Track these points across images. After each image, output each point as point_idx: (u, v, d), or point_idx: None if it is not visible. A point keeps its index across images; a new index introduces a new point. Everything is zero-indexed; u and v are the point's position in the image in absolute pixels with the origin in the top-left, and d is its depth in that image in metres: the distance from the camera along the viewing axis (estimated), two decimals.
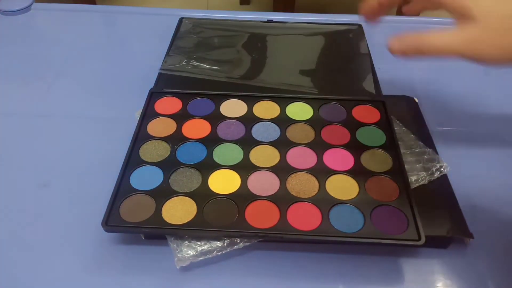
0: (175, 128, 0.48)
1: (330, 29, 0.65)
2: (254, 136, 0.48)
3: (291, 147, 0.46)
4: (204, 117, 0.50)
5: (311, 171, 0.44)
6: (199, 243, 0.39)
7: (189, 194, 0.42)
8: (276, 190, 0.42)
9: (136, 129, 0.48)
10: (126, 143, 0.46)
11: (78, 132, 0.52)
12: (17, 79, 0.61)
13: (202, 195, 0.42)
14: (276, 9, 1.61)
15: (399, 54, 0.37)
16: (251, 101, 0.52)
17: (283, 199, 0.41)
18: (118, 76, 0.61)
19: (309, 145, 0.47)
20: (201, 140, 0.47)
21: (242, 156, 0.45)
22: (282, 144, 0.47)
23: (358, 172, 0.44)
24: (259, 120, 0.50)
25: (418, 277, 0.39)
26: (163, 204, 0.41)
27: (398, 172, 0.44)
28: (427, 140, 0.49)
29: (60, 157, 0.49)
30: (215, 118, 0.50)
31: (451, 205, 0.42)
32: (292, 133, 0.48)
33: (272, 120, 0.49)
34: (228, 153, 0.46)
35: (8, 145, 0.51)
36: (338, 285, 0.39)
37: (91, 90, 0.59)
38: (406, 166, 0.44)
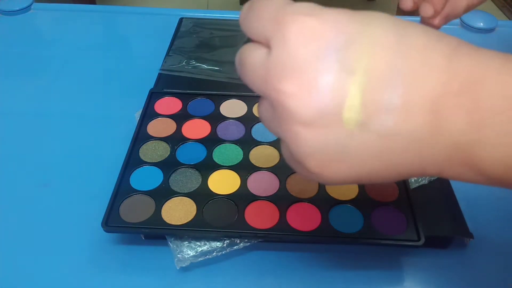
0: (175, 129, 0.48)
1: None
2: (254, 136, 0.48)
3: None
4: (204, 117, 0.50)
5: None
6: (199, 243, 0.39)
7: (189, 195, 0.42)
8: (275, 190, 0.42)
9: (136, 129, 0.48)
10: (126, 143, 0.46)
11: (78, 132, 0.52)
12: (17, 79, 0.61)
13: (202, 196, 0.42)
14: None
15: None
16: (251, 101, 0.52)
17: (282, 200, 0.41)
18: (118, 76, 0.61)
19: None
20: (201, 141, 0.47)
21: (242, 156, 0.45)
22: None
23: None
24: (259, 120, 0.49)
25: (418, 277, 0.39)
26: (163, 204, 0.41)
27: None
28: None
29: (60, 157, 0.49)
30: (215, 118, 0.50)
31: (451, 205, 0.42)
32: None
33: None
34: (228, 153, 0.46)
35: (8, 144, 0.51)
36: (338, 285, 0.39)
37: (91, 90, 0.59)
38: None
